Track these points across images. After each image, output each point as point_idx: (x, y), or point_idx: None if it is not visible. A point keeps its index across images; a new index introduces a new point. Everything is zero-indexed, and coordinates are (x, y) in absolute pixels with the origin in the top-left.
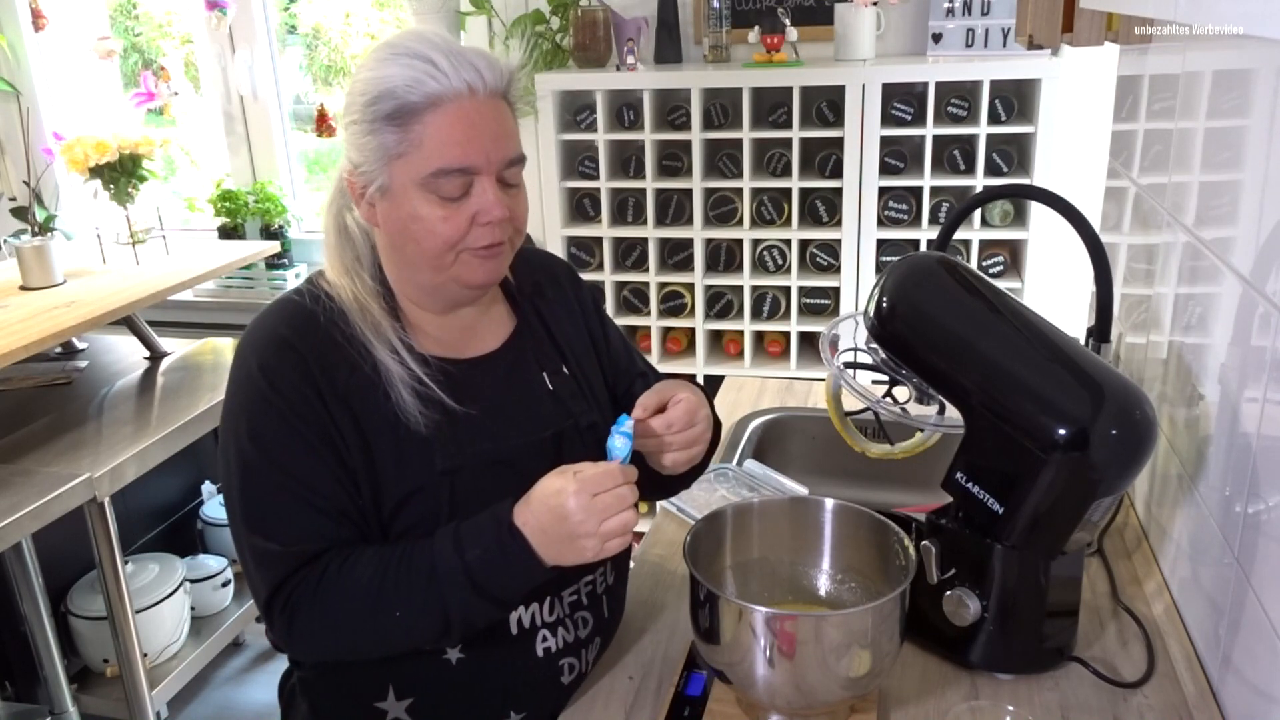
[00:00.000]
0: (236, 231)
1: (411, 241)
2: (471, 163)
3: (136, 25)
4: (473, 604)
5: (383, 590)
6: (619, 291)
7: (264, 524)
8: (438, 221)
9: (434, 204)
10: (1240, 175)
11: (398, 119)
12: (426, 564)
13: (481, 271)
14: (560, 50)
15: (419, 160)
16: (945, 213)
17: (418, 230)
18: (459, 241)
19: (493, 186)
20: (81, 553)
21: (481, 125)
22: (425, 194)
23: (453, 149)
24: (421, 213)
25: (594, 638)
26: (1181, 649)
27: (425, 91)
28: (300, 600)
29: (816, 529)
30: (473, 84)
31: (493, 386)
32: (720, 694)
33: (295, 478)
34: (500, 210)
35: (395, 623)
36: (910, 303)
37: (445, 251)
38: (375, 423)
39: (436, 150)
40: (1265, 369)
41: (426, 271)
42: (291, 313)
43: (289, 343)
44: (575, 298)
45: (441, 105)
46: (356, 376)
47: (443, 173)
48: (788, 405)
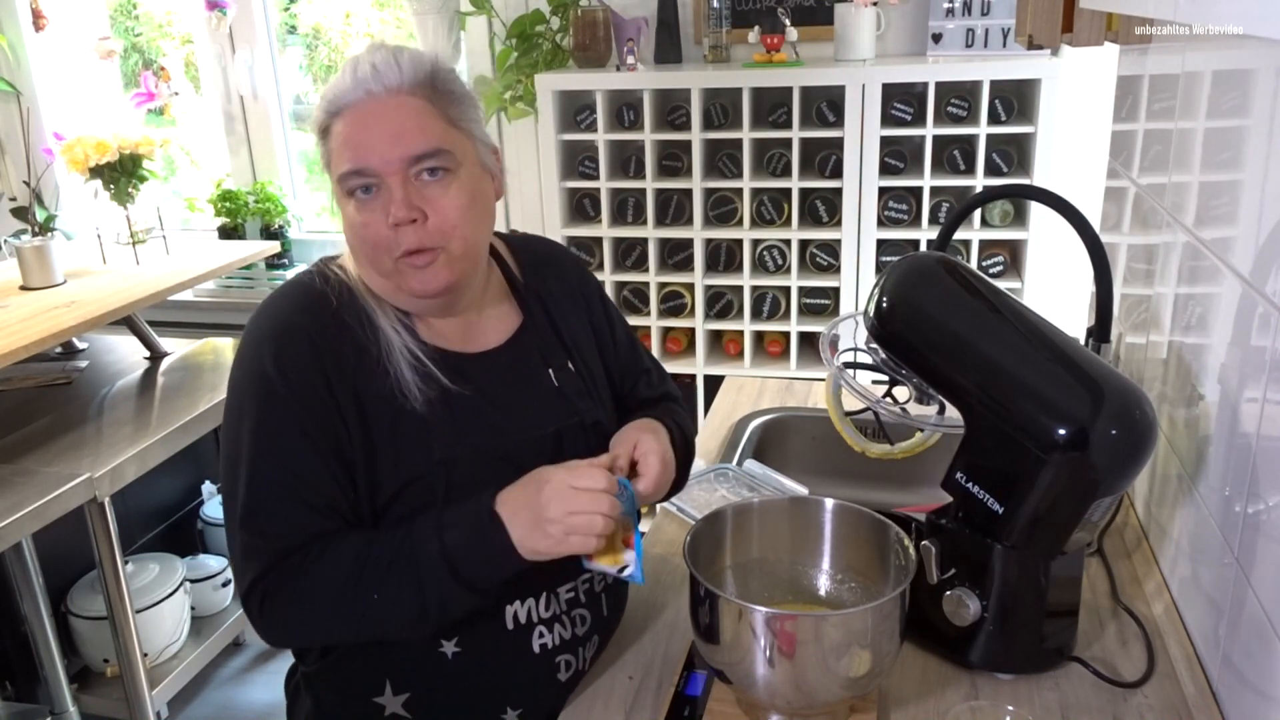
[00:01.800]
0: (236, 231)
1: (354, 247)
2: (366, 164)
3: (136, 25)
4: (449, 588)
5: (362, 573)
6: (619, 291)
7: (257, 517)
8: (360, 227)
9: (354, 209)
10: (1240, 175)
11: (322, 131)
12: (406, 546)
13: (417, 280)
14: (560, 50)
15: (335, 165)
16: (945, 213)
17: (353, 237)
18: (388, 246)
19: (399, 187)
20: (81, 553)
21: (375, 126)
22: (346, 200)
23: (348, 151)
24: (351, 219)
25: (592, 635)
26: (1181, 649)
27: (337, 102)
28: (279, 585)
29: (816, 529)
30: (371, 88)
31: (494, 379)
32: (720, 694)
33: (292, 473)
34: (401, 210)
35: (372, 605)
36: (910, 303)
37: (380, 256)
38: (378, 406)
39: (340, 154)
40: (1265, 369)
41: (378, 278)
42: (303, 294)
43: (301, 327)
44: (582, 292)
45: (343, 112)
46: (364, 360)
47: (345, 176)
48: (788, 405)
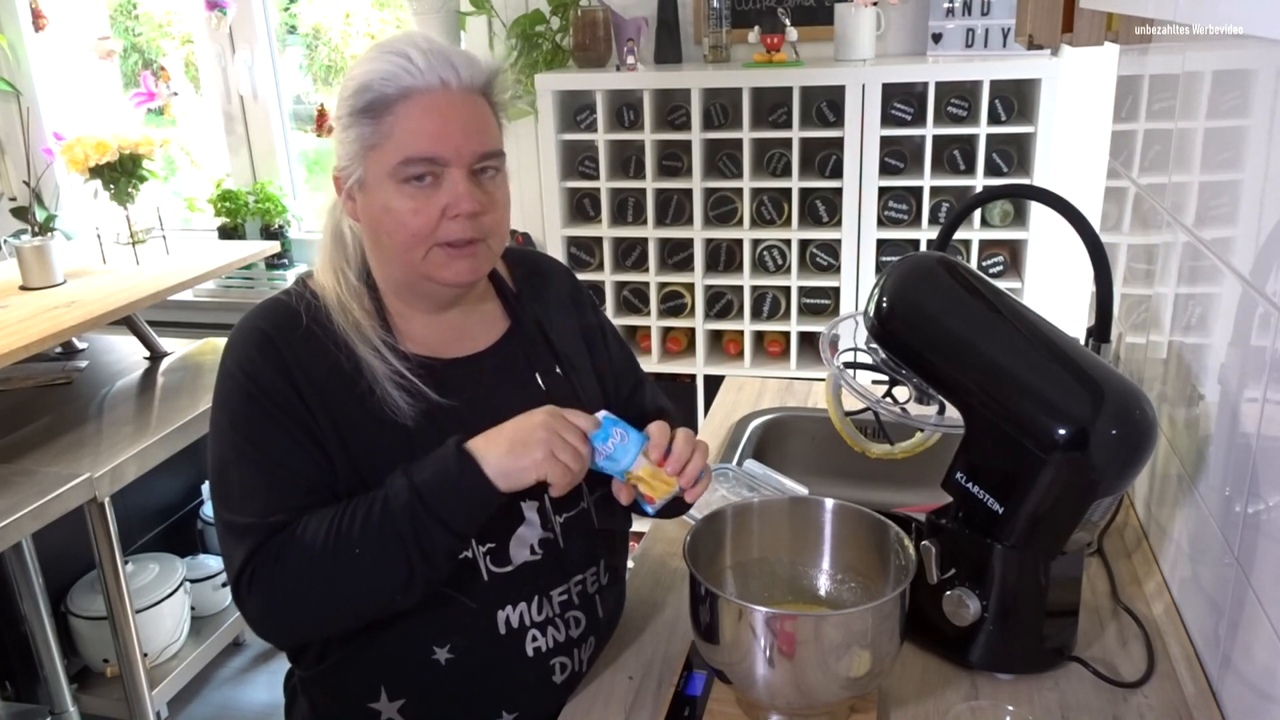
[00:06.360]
0: (236, 231)
1: (385, 234)
2: (440, 153)
3: (136, 25)
4: (425, 532)
5: (342, 533)
6: (619, 291)
7: (239, 500)
8: (408, 214)
9: (405, 195)
10: (1240, 175)
11: (372, 111)
12: (379, 501)
13: (451, 269)
14: (560, 50)
15: (390, 149)
16: (945, 213)
17: (389, 223)
18: (430, 235)
19: (464, 180)
20: (81, 553)
21: (453, 118)
22: (396, 185)
23: (421, 138)
24: (393, 205)
25: (587, 637)
26: (1181, 649)
27: (399, 84)
28: (264, 565)
29: (816, 529)
30: (446, 78)
31: (479, 385)
32: (720, 694)
33: (270, 456)
34: (470, 203)
35: (357, 565)
36: (910, 303)
37: (416, 245)
38: (353, 419)
39: (406, 139)
40: (1265, 369)
41: (400, 266)
42: (273, 310)
43: (267, 337)
44: (573, 299)
45: (412, 97)
46: (336, 374)
47: (410, 161)
48: (788, 405)
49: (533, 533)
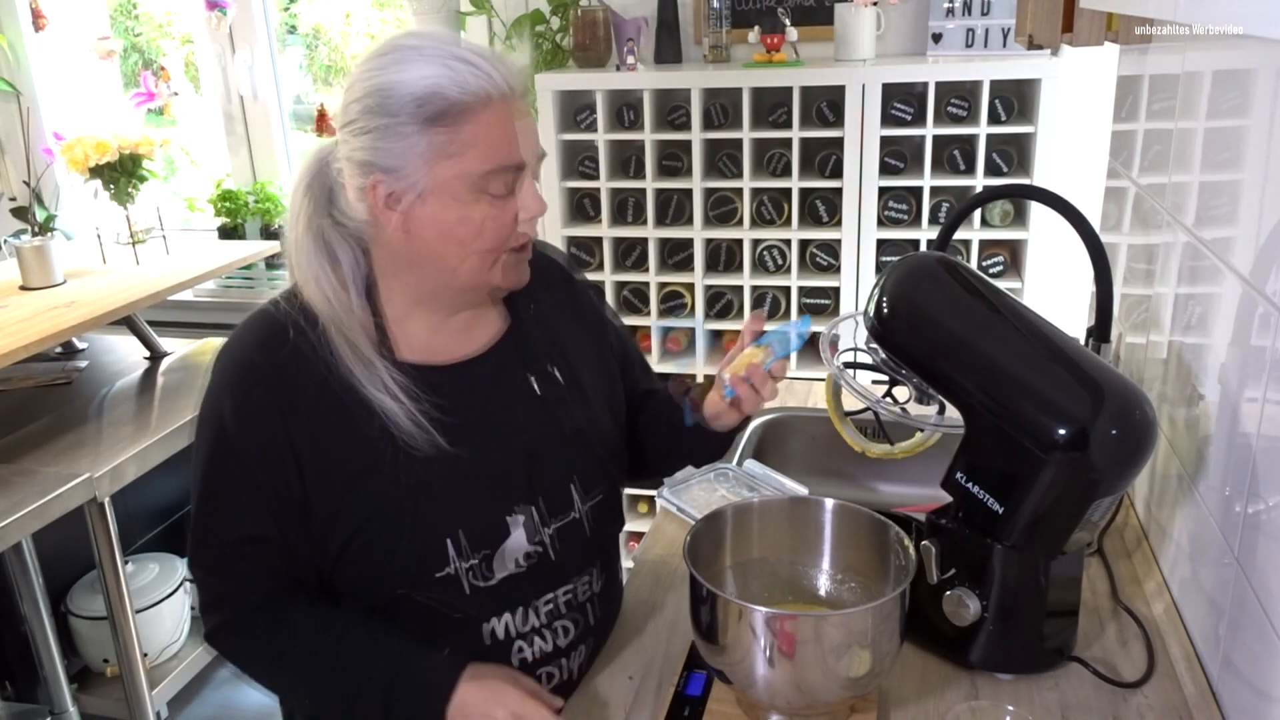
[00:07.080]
0: (236, 231)
1: (455, 245)
2: (521, 159)
3: (136, 25)
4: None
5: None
6: (619, 291)
7: (209, 557)
8: (488, 221)
9: (485, 204)
10: (1240, 175)
11: (446, 119)
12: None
13: (518, 272)
14: (560, 50)
15: (473, 158)
16: (945, 213)
17: (464, 232)
18: (506, 241)
19: (531, 183)
20: (81, 553)
21: (525, 123)
22: (475, 194)
23: (506, 147)
24: (472, 214)
25: (578, 645)
26: (1181, 649)
27: (474, 91)
28: (234, 633)
29: (816, 529)
30: (511, 83)
31: (475, 392)
32: (720, 694)
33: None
34: (541, 205)
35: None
36: (910, 303)
37: (491, 252)
38: (339, 440)
39: (491, 148)
40: (1265, 369)
41: (465, 276)
42: (263, 329)
43: (258, 369)
44: (575, 291)
45: (492, 104)
46: (324, 396)
47: (501, 169)
48: (788, 405)
49: (520, 545)
